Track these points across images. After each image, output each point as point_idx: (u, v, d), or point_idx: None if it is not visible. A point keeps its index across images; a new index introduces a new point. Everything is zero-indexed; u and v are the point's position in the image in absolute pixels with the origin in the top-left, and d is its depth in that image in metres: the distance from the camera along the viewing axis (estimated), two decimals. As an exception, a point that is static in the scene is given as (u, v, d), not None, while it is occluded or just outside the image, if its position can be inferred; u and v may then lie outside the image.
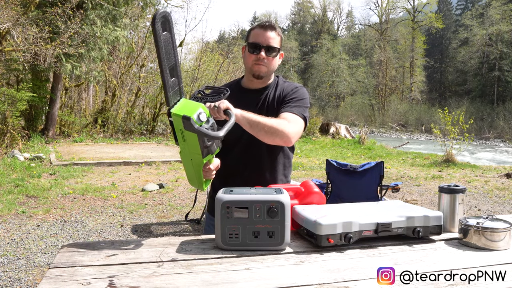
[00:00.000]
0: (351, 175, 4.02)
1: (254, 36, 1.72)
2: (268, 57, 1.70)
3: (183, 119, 1.14)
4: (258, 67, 1.71)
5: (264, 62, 1.70)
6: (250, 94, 1.78)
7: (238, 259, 1.13)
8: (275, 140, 1.55)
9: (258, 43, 1.69)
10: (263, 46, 1.69)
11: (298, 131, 1.63)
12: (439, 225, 1.30)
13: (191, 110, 1.17)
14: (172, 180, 7.18)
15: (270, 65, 1.73)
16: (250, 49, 1.72)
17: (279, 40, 1.74)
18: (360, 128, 22.81)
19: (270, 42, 1.69)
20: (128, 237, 4.21)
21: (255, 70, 1.72)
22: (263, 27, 1.71)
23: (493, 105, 33.09)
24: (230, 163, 1.72)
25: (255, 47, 1.70)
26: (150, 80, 16.96)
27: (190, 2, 41.51)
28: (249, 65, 1.74)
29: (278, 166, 1.80)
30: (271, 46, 1.70)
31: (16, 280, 3.08)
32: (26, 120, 12.05)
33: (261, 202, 1.16)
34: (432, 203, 5.98)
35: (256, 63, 1.71)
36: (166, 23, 1.15)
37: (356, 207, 1.42)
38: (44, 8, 10.05)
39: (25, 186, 6.13)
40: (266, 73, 1.74)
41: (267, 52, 1.69)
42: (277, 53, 1.73)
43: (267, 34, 1.70)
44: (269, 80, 1.81)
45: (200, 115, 1.17)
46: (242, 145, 1.74)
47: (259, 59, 1.69)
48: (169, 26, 1.16)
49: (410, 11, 43.62)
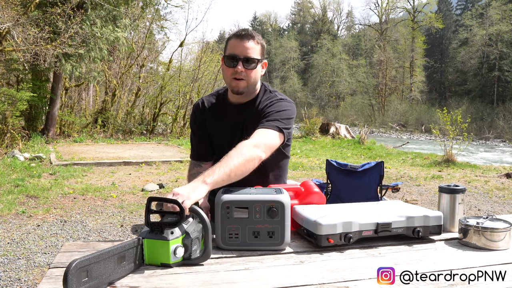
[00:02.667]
0: (351, 175, 4.02)
1: (230, 47, 1.60)
2: (247, 69, 1.57)
3: (163, 266, 1.05)
4: (237, 83, 1.59)
5: (242, 75, 1.57)
6: (234, 110, 1.69)
7: (238, 259, 1.13)
8: (254, 167, 1.39)
9: (235, 54, 1.56)
10: (240, 58, 1.56)
11: (269, 145, 1.48)
12: (439, 225, 1.30)
13: (164, 255, 1.03)
14: (172, 180, 7.19)
15: (250, 78, 1.59)
16: (226, 62, 1.59)
17: (259, 49, 1.61)
18: (360, 128, 22.81)
19: (248, 53, 1.56)
20: (128, 237, 4.21)
21: (234, 86, 1.60)
22: (239, 36, 1.58)
23: (493, 105, 33.08)
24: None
25: (232, 59, 1.57)
26: (150, 80, 16.96)
27: (191, 2, 41.50)
28: (227, 80, 1.62)
29: (268, 179, 1.74)
30: (249, 57, 1.56)
31: (16, 280, 3.08)
32: (26, 120, 12.05)
33: (261, 202, 1.16)
34: (432, 203, 5.98)
35: (234, 77, 1.58)
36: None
37: (356, 207, 1.42)
38: (44, 8, 10.05)
39: (25, 186, 6.13)
40: (246, 88, 1.61)
41: (245, 64, 1.56)
42: (256, 64, 1.60)
43: (244, 44, 1.56)
44: (253, 93, 1.68)
45: (176, 251, 1.03)
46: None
47: (236, 72, 1.57)
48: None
49: (410, 11, 43.62)
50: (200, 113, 1.78)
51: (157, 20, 17.51)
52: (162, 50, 22.51)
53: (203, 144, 1.79)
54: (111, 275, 0.94)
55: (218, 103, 1.75)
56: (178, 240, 1.03)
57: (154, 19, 16.87)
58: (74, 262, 0.84)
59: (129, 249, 0.99)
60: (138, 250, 1.03)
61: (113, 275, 0.95)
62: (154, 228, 1.04)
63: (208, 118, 1.75)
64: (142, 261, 1.04)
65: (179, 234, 1.04)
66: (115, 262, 0.95)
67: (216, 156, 1.72)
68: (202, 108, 1.78)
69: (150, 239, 1.04)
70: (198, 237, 1.09)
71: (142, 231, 1.06)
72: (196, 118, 1.79)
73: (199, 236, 1.10)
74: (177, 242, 1.03)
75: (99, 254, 0.91)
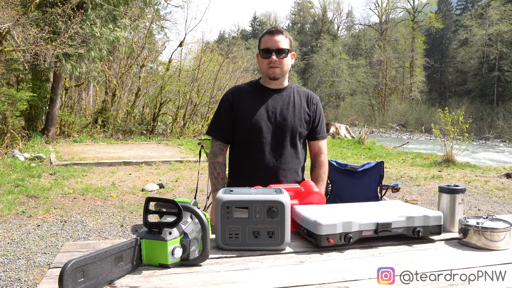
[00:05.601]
0: (351, 175, 4.02)
1: (264, 42, 1.88)
2: (280, 58, 1.85)
3: (161, 266, 1.05)
4: (273, 70, 1.87)
5: (276, 64, 1.85)
6: (271, 93, 1.93)
7: (238, 259, 1.13)
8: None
9: (269, 47, 1.85)
10: (273, 50, 1.84)
11: (326, 146, 2.09)
12: (439, 225, 1.30)
13: (162, 255, 1.03)
14: (172, 180, 7.18)
15: (283, 66, 1.88)
16: (262, 55, 1.88)
17: (288, 42, 1.88)
18: (360, 128, 22.82)
19: (279, 45, 1.84)
20: (128, 237, 4.21)
21: (270, 73, 1.88)
22: (271, 32, 1.88)
23: (493, 105, 33.06)
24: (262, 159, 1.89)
25: (266, 52, 1.86)
26: (150, 80, 16.96)
27: (190, 2, 41.55)
28: (264, 69, 1.89)
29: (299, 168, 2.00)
30: (281, 48, 1.85)
31: (16, 280, 3.08)
32: (26, 120, 12.05)
33: (261, 202, 1.16)
34: (432, 203, 5.98)
35: (269, 66, 1.86)
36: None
37: (356, 207, 1.42)
38: (44, 8, 10.05)
39: (25, 186, 6.13)
40: (280, 74, 1.89)
41: (277, 54, 1.85)
42: (287, 54, 1.87)
43: (275, 38, 1.85)
44: (285, 81, 1.96)
45: (174, 252, 1.03)
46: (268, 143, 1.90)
47: (271, 62, 1.85)
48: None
49: (410, 11, 43.60)
50: (237, 96, 1.95)
51: (157, 20, 17.50)
52: (162, 50, 22.47)
53: (230, 127, 1.95)
54: (108, 276, 0.94)
55: (254, 89, 1.97)
56: (176, 240, 1.03)
57: (154, 19, 16.87)
58: (69, 263, 0.84)
59: (127, 250, 0.99)
60: (136, 251, 1.02)
61: (110, 276, 0.95)
62: (152, 229, 1.04)
63: (245, 101, 1.93)
64: (140, 261, 1.04)
65: (177, 235, 1.04)
66: (112, 263, 0.95)
67: (245, 136, 1.91)
68: (238, 92, 1.97)
69: (148, 239, 1.03)
70: (196, 237, 1.09)
71: (141, 231, 1.06)
72: (232, 100, 1.95)
73: (198, 236, 1.10)
74: (175, 242, 1.03)
75: (96, 254, 0.90)
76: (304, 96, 1.97)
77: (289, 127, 1.89)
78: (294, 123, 1.89)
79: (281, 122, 1.88)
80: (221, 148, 1.96)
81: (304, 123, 1.93)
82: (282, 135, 1.88)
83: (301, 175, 1.99)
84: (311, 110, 1.97)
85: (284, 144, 1.89)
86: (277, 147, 1.88)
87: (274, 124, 1.87)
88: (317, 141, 2.02)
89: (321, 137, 2.03)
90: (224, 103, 1.96)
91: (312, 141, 2.03)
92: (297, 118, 1.91)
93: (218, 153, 1.95)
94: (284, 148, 1.89)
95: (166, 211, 1.09)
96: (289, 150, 1.90)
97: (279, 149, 1.88)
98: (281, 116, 1.88)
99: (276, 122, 1.88)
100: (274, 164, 1.88)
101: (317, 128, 2.00)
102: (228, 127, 1.94)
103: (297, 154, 1.94)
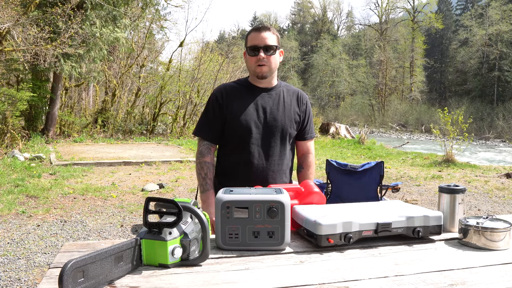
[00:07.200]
0: (351, 175, 4.01)
1: (251, 39, 1.81)
2: (267, 56, 1.79)
3: (161, 266, 1.04)
4: (260, 69, 1.80)
5: (264, 61, 1.78)
6: (261, 92, 1.87)
7: (238, 259, 1.13)
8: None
9: (256, 45, 1.78)
10: (261, 47, 1.77)
11: (313, 147, 2.07)
12: (439, 225, 1.30)
13: (162, 255, 1.03)
14: (172, 180, 7.18)
15: (271, 63, 1.81)
16: (249, 52, 1.81)
17: (276, 38, 1.82)
18: (360, 128, 22.83)
19: (267, 42, 1.78)
20: (128, 237, 4.21)
21: (258, 72, 1.81)
22: (258, 29, 1.81)
23: (493, 105, 33.06)
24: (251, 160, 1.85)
25: (253, 49, 1.79)
26: (150, 80, 16.96)
27: (191, 2, 41.55)
28: (252, 68, 1.83)
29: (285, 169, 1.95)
30: (268, 45, 1.78)
31: (16, 280, 3.08)
32: (26, 120, 12.05)
33: (261, 202, 1.16)
34: (432, 203, 5.98)
35: (257, 64, 1.79)
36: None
37: (356, 207, 1.42)
38: (44, 8, 10.05)
39: (25, 186, 6.13)
40: (269, 72, 1.82)
41: (265, 51, 1.78)
42: (275, 51, 1.81)
43: (262, 34, 1.79)
44: (273, 80, 1.90)
45: (174, 252, 1.03)
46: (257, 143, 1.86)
47: (259, 59, 1.78)
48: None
49: (410, 11, 43.61)
50: (226, 95, 1.88)
51: (157, 20, 17.49)
52: (162, 50, 22.48)
53: (219, 127, 1.88)
54: (108, 276, 0.94)
55: (243, 88, 1.90)
56: (176, 240, 1.03)
57: (154, 19, 16.86)
58: (69, 263, 0.84)
59: (127, 250, 0.99)
60: (136, 251, 1.02)
61: (110, 276, 0.95)
62: (152, 229, 1.04)
63: (234, 100, 1.86)
64: (140, 261, 1.04)
65: (177, 235, 1.04)
66: (112, 263, 0.94)
67: (233, 136, 1.86)
68: (226, 91, 1.89)
69: (148, 239, 1.03)
70: (196, 237, 1.09)
71: (140, 231, 1.06)
72: (220, 99, 1.87)
73: (198, 236, 1.09)
74: (175, 242, 1.03)
75: (96, 254, 0.90)
76: (294, 96, 1.92)
77: (279, 128, 1.84)
78: (284, 123, 1.84)
79: (271, 122, 1.83)
80: (208, 148, 1.88)
81: (294, 124, 1.88)
82: (271, 136, 1.83)
83: (289, 177, 1.95)
84: (301, 110, 1.92)
85: (274, 145, 1.84)
86: (267, 147, 1.83)
87: (263, 124, 1.82)
88: (306, 141, 1.98)
89: (310, 137, 1.99)
90: (213, 102, 1.88)
91: (300, 141, 1.98)
92: (287, 118, 1.86)
93: (206, 152, 1.87)
94: (273, 149, 1.84)
95: (166, 211, 1.09)
96: (278, 151, 1.85)
97: (268, 149, 1.83)
98: (271, 116, 1.83)
99: (266, 122, 1.82)
100: (263, 165, 1.83)
101: (306, 128, 1.96)
102: (217, 127, 1.87)
103: (286, 155, 1.90)
